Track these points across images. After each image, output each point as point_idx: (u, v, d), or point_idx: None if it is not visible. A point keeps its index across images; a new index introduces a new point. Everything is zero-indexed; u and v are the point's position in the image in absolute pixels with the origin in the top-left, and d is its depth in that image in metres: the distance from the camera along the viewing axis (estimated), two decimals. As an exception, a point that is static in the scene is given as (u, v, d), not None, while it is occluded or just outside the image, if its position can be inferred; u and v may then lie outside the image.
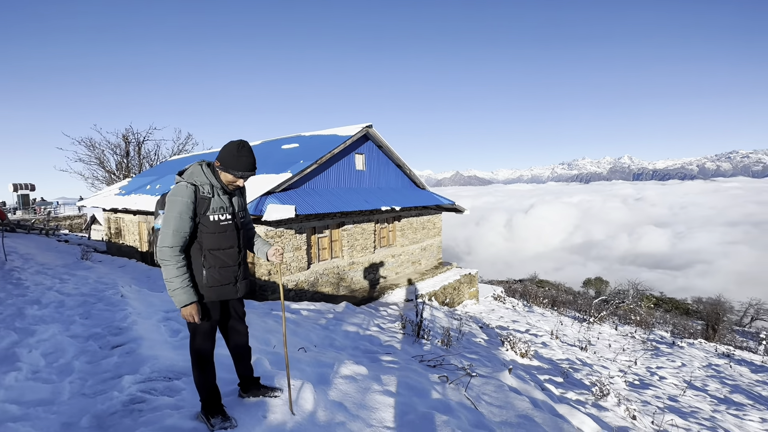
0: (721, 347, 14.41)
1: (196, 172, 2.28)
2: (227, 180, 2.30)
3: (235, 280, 2.38)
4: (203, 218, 2.24)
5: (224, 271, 2.32)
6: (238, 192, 2.48)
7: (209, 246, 2.27)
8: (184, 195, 2.18)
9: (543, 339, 10.53)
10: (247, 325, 2.63)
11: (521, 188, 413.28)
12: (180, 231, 2.16)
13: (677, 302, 30.78)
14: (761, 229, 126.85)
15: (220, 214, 2.28)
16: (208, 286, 2.28)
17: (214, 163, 2.34)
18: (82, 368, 3.15)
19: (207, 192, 2.25)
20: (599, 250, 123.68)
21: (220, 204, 2.29)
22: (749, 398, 8.38)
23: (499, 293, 18.33)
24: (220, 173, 2.31)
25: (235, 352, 2.59)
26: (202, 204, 2.23)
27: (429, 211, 15.07)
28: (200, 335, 2.32)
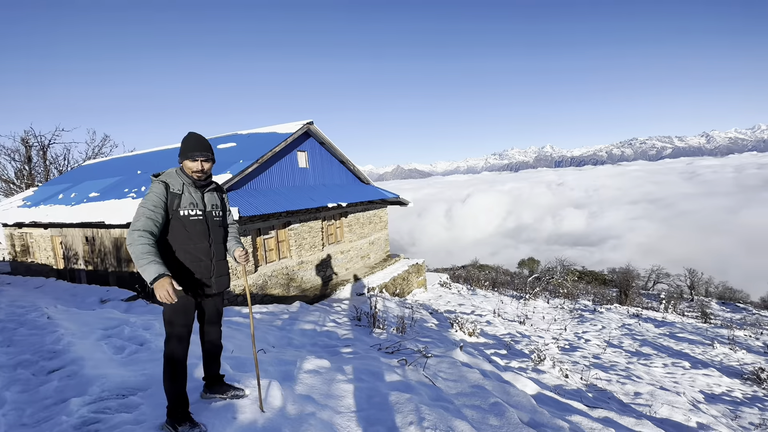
0: (632, 309, 16.69)
1: (169, 173, 2.41)
2: (191, 169, 2.41)
3: (209, 275, 2.45)
4: (174, 213, 2.33)
5: (196, 266, 2.39)
6: (214, 189, 2.58)
7: (180, 241, 2.35)
8: (156, 190, 2.30)
9: (487, 318, 11.38)
10: (221, 324, 2.70)
11: (458, 179, 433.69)
12: (151, 218, 2.21)
13: (596, 274, 34.78)
14: (657, 205, 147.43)
15: (191, 210, 2.38)
16: (179, 282, 2.30)
17: (179, 162, 2.47)
18: (15, 398, 2.84)
19: (177, 189, 2.36)
20: (529, 233, 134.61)
21: (191, 200, 2.39)
22: (654, 349, 9.90)
23: (445, 280, 19.28)
24: (184, 168, 2.43)
25: (209, 351, 2.63)
26: (172, 199, 2.33)
27: (375, 206, 15.33)
28: (175, 338, 2.32)
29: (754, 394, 7.01)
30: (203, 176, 2.45)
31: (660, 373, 7.67)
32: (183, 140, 2.44)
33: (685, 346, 10.39)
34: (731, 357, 9.63)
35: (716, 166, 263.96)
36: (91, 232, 10.61)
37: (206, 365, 2.68)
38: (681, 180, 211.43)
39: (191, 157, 2.37)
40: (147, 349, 3.85)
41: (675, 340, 11.12)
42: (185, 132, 2.67)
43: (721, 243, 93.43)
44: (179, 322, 2.32)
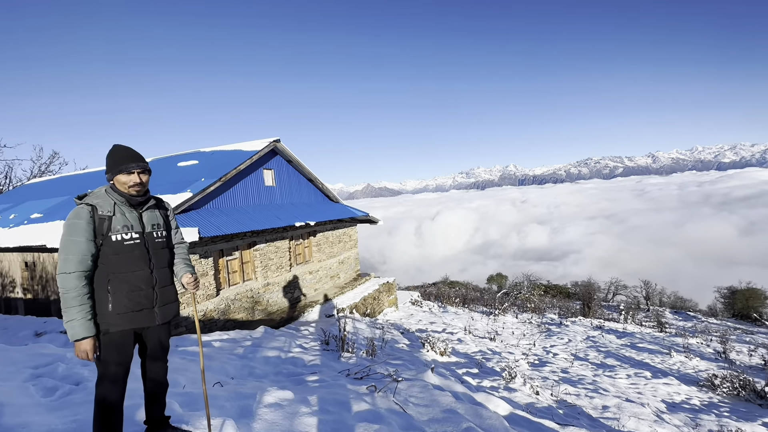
0: (595, 321, 17.27)
1: (96, 194, 2.10)
2: (126, 184, 2.10)
3: (151, 305, 2.14)
4: (105, 239, 2.04)
5: (135, 296, 2.08)
6: (154, 206, 2.28)
7: (114, 269, 2.05)
8: (80, 216, 2.00)
9: (458, 336, 11.32)
10: (167, 360, 2.38)
11: (428, 197, 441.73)
12: (80, 254, 1.94)
13: (560, 287, 35.98)
14: (611, 220, 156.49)
15: (124, 233, 2.08)
16: (116, 314, 2.02)
17: (108, 180, 2.15)
18: None
19: (107, 211, 2.05)
20: (496, 249, 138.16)
21: (124, 222, 2.09)
22: (618, 360, 10.19)
23: (416, 298, 19.17)
24: (116, 185, 2.12)
25: (151, 390, 2.31)
26: (101, 224, 2.03)
27: (344, 224, 15.13)
28: (108, 380, 2.01)
29: (710, 401, 7.31)
30: (142, 190, 2.16)
31: (624, 384, 7.85)
32: (110, 154, 2.13)
33: (645, 356, 10.78)
34: (687, 365, 10.08)
35: (662, 183, 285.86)
36: (32, 257, 9.68)
37: (148, 406, 2.34)
38: (632, 197, 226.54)
39: (125, 170, 2.07)
40: (83, 389, 3.42)
41: (636, 351, 11.53)
42: (148, 147, 2.35)
43: (670, 255, 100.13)
44: (113, 360, 2.02)
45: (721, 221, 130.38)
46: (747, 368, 10.06)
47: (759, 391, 7.36)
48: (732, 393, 7.54)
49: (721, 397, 7.55)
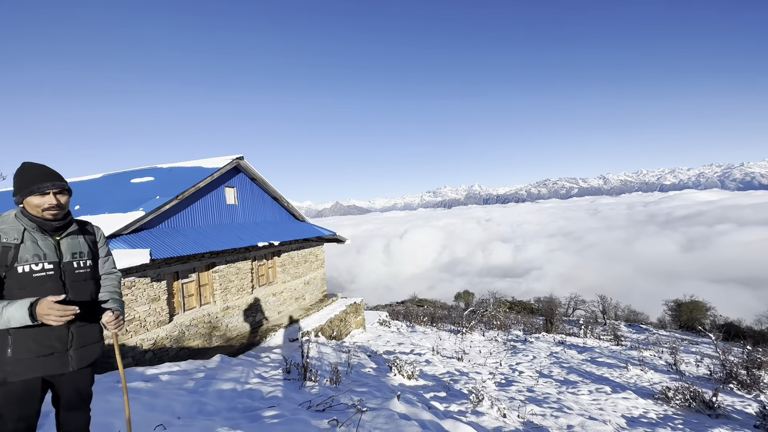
0: (557, 337, 17.75)
1: (2, 218, 1.80)
2: (40, 207, 1.80)
3: (64, 348, 1.82)
4: (9, 271, 1.73)
5: (43, 337, 1.75)
6: (77, 232, 1.96)
7: None
8: None
9: (426, 356, 11.18)
10: (89, 409, 2.03)
11: (396, 215, 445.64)
12: None
13: (525, 304, 36.97)
14: (569, 238, 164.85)
15: (34, 263, 1.77)
16: (16, 359, 1.68)
17: (16, 203, 1.84)
18: None
19: (13, 239, 1.74)
20: (462, 267, 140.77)
21: (35, 251, 1.78)
22: (579, 375, 10.43)
23: (384, 318, 18.89)
24: (26, 208, 1.82)
25: None
26: (4, 253, 1.72)
27: (310, 244, 14.78)
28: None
29: (665, 413, 7.58)
30: (60, 213, 1.85)
31: (587, 400, 8.00)
32: (18, 173, 1.81)
33: (605, 371, 11.12)
34: (643, 378, 10.49)
35: (613, 203, 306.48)
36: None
37: None
38: (587, 216, 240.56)
39: (39, 191, 1.77)
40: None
41: (596, 365, 11.89)
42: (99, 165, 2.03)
43: (622, 270, 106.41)
44: (12, 415, 1.69)
45: (665, 239, 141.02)
46: (696, 379, 10.62)
47: (707, 401, 7.74)
48: (684, 405, 7.88)
49: (675, 409, 7.86)
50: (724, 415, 7.44)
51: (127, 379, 4.90)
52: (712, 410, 7.56)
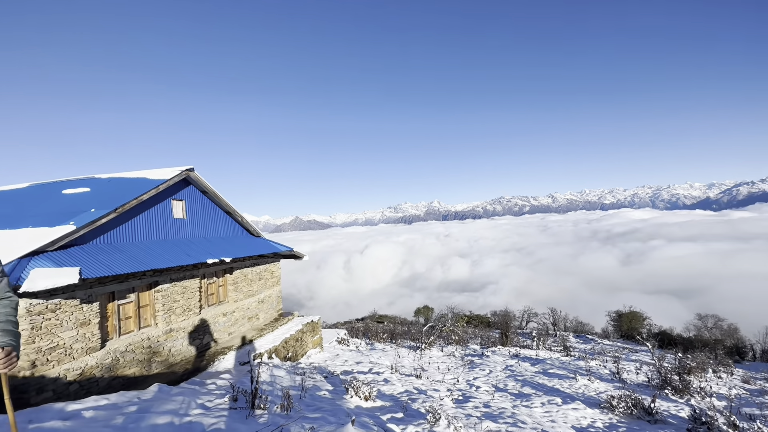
0: (512, 350, 18.24)
1: None
2: None
3: None
4: None
5: None
6: None
7: None
8: None
9: (385, 375, 10.97)
10: None
11: (357, 230, 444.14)
12: None
13: (482, 317, 37.86)
14: (521, 253, 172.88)
15: None
16: None
17: None
18: None
19: None
20: (422, 282, 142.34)
21: None
22: (533, 388, 10.71)
23: (343, 336, 18.43)
24: None
25: None
26: None
27: (266, 260, 14.19)
28: None
29: (610, 422, 7.93)
30: None
31: (540, 413, 8.19)
32: None
33: (556, 382, 11.52)
34: (590, 387, 10.98)
35: (560, 221, 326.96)
36: None
37: None
38: (537, 232, 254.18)
39: None
40: None
41: (548, 377, 12.30)
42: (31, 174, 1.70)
43: (570, 283, 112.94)
44: None
45: (606, 254, 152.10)
46: (636, 386, 11.30)
47: (647, 408, 8.23)
48: (627, 413, 8.31)
49: (619, 417, 8.26)
50: (661, 420, 7.92)
51: (42, 417, 4.27)
52: (651, 416, 8.02)
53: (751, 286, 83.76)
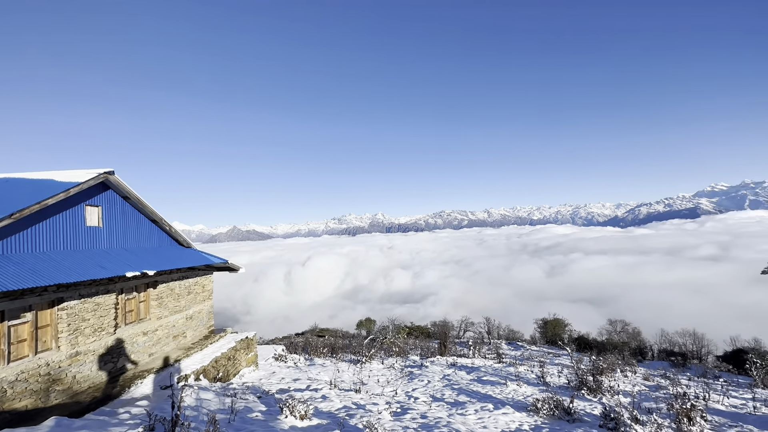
0: (450, 359, 18.81)
1: None
2: None
3: None
4: None
5: None
6: None
7: None
8: None
9: (323, 391, 10.65)
10: None
11: (300, 242, 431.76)
12: None
13: (422, 328, 38.63)
14: (460, 265, 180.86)
15: None
16: None
17: None
18: None
19: None
20: (365, 294, 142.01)
21: None
22: (468, 396, 11.11)
23: (280, 352, 17.65)
24: None
25: None
26: None
27: (196, 273, 13.18)
28: None
29: (536, 424, 8.49)
30: None
31: (473, 420, 8.51)
32: None
33: (489, 389, 12.08)
34: (519, 392, 11.68)
35: (495, 234, 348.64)
36: None
37: None
38: (474, 245, 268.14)
39: None
40: None
41: (482, 384, 12.85)
42: None
43: (503, 293, 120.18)
44: None
45: (533, 266, 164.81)
46: (558, 388, 12.25)
47: (566, 408, 8.95)
48: (550, 414, 8.96)
49: (543, 418, 8.87)
50: (578, 419, 8.65)
51: None
52: (570, 416, 8.73)
53: (649, 294, 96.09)
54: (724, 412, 9.97)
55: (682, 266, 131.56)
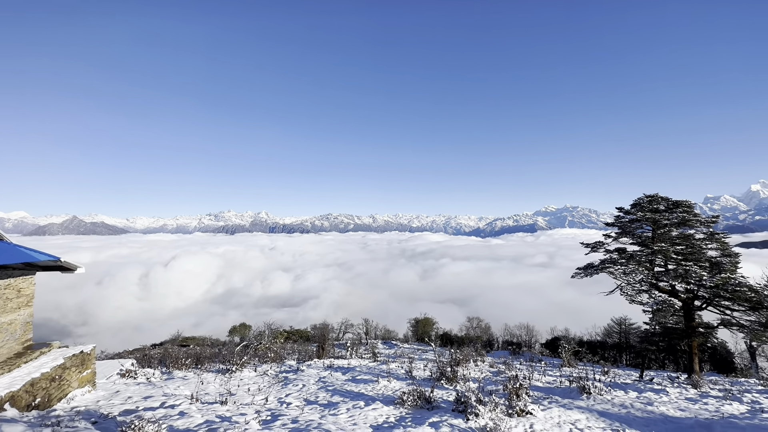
0: (327, 361, 18.89)
1: None
2: None
3: None
4: None
5: None
6: None
7: None
8: None
9: (181, 407, 9.49)
10: None
11: (164, 238, 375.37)
12: None
13: (301, 332, 37.84)
14: (342, 268, 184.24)
15: None
16: None
17: None
18: None
19: None
20: (239, 298, 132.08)
21: None
22: (342, 396, 11.35)
23: (129, 367, 15.01)
24: None
25: None
26: None
27: (9, 273, 10.29)
28: None
29: (401, 415, 9.20)
30: None
31: (344, 419, 8.74)
32: None
33: (362, 387, 12.57)
34: (389, 387, 12.48)
35: (378, 239, 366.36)
36: None
37: None
38: (358, 248, 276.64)
39: None
40: None
41: (355, 383, 13.29)
42: None
43: (381, 295, 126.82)
44: None
45: (409, 269, 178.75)
46: (423, 381, 13.52)
47: (427, 398, 9.97)
48: (414, 404, 9.83)
49: (408, 409, 9.68)
50: (436, 406, 9.71)
51: None
52: (430, 404, 9.74)
53: (499, 294, 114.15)
54: (541, 387, 12.52)
55: (523, 271, 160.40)
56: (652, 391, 12.07)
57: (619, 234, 18.56)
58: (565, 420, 8.96)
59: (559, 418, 9.04)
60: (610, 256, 18.10)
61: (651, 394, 11.59)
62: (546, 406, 10.04)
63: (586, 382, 11.46)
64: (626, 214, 18.20)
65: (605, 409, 9.98)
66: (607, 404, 10.38)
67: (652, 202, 17.50)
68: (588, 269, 18.48)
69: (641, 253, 17.25)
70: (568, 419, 9.03)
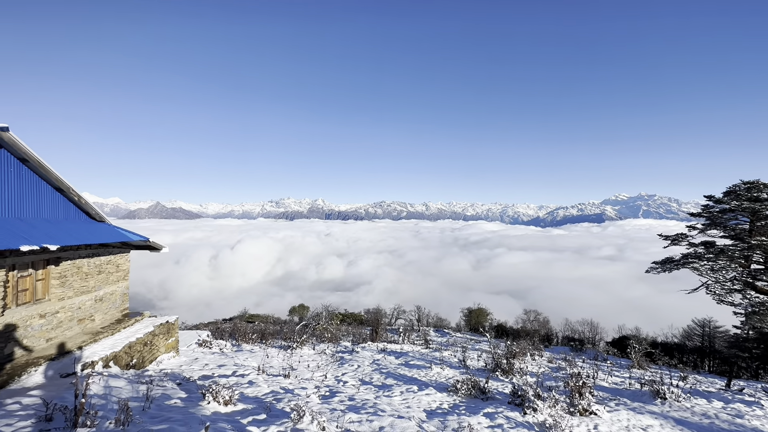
0: (380, 345, 19.40)
1: None
2: None
3: None
4: None
5: None
6: None
7: None
8: None
9: (250, 377, 10.38)
10: None
11: (232, 223, 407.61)
12: None
13: (355, 315, 39.17)
14: (394, 255, 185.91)
15: None
16: None
17: None
18: None
19: None
20: (295, 281, 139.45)
21: None
22: (395, 379, 11.61)
23: (205, 338, 16.71)
24: None
25: None
26: None
27: (110, 251, 11.88)
28: None
29: (454, 402, 9.20)
30: None
31: (398, 401, 8.95)
32: None
33: (415, 372, 12.75)
34: (442, 374, 12.50)
35: (430, 227, 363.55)
36: None
37: None
38: (410, 236, 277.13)
39: None
40: None
41: (408, 368, 13.51)
42: None
43: (433, 283, 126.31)
44: None
45: (462, 258, 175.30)
46: (477, 371, 13.34)
47: (482, 388, 9.83)
48: (468, 393, 9.76)
49: (461, 398, 9.64)
50: (491, 397, 9.55)
51: None
52: (484, 395, 9.59)
53: (559, 287, 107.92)
54: (607, 388, 11.72)
55: (587, 264, 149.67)
56: (743, 402, 10.72)
57: (707, 225, 16.45)
58: (635, 424, 8.32)
59: (627, 422, 8.42)
60: (695, 250, 16.16)
61: (741, 405, 10.31)
62: (612, 407, 9.39)
63: (661, 386, 10.49)
64: (717, 203, 16.03)
65: (683, 417, 9.09)
66: (685, 412, 9.44)
67: (752, 190, 15.19)
68: (667, 264, 16.71)
69: (735, 247, 15.16)
70: (639, 424, 8.37)
